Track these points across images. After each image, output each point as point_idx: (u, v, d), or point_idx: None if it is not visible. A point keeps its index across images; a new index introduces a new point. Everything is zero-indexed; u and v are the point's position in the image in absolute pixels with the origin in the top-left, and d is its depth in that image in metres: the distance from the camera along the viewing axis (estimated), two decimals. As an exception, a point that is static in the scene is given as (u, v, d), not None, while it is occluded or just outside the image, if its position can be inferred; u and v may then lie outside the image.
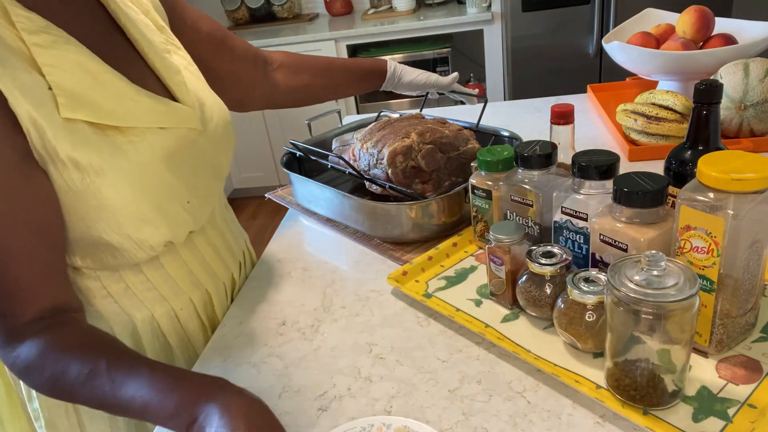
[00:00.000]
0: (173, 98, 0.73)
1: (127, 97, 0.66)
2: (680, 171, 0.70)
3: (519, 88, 2.80)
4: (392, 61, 1.11)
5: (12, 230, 0.58)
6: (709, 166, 0.55)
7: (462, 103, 1.22)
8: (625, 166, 1.02)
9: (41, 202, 0.60)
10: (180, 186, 0.70)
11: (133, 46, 0.72)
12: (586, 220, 0.69)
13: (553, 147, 0.76)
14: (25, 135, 0.58)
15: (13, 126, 0.57)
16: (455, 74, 1.13)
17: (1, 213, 0.57)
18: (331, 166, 1.06)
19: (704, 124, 0.67)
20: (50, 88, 0.59)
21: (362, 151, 0.99)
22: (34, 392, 0.74)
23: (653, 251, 0.53)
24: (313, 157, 1.09)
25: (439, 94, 1.19)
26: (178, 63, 0.76)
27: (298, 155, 1.13)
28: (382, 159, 0.94)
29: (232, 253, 0.87)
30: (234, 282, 0.88)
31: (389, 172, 0.94)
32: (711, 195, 0.55)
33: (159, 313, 0.76)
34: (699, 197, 0.56)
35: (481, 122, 1.11)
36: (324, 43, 2.91)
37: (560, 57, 2.71)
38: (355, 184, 1.12)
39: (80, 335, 0.61)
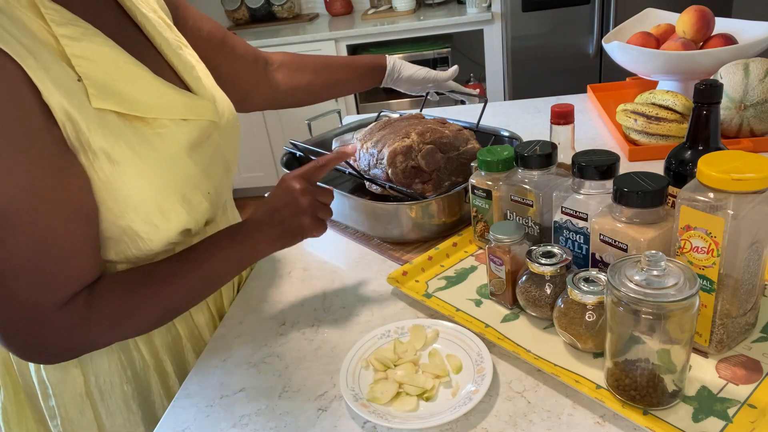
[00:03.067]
0: (191, 92, 0.75)
1: (153, 88, 0.67)
2: (680, 171, 0.70)
3: (519, 88, 2.80)
4: (391, 57, 1.12)
5: (62, 215, 0.59)
6: (709, 166, 0.55)
7: (462, 102, 1.22)
8: (625, 166, 1.03)
9: (84, 190, 0.61)
10: (202, 176, 0.72)
11: (149, 42, 0.73)
12: (586, 220, 0.69)
13: (553, 147, 0.76)
14: (59, 126, 0.58)
15: (48, 117, 0.57)
16: (455, 67, 1.13)
17: (50, 200, 0.58)
18: (331, 166, 1.06)
19: (704, 124, 0.67)
20: (79, 80, 0.60)
21: (362, 151, 0.99)
22: (50, 389, 0.75)
23: (653, 251, 0.53)
24: (313, 157, 1.09)
25: (439, 94, 1.19)
26: (192, 59, 0.78)
27: (298, 155, 1.13)
28: (382, 159, 0.94)
29: None
30: (240, 275, 0.89)
31: (389, 172, 0.94)
32: (711, 195, 0.55)
33: None
34: (699, 197, 0.56)
35: (481, 122, 1.11)
36: (324, 43, 2.91)
37: (560, 57, 2.71)
38: (355, 184, 1.12)
39: (132, 269, 0.68)
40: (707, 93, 0.65)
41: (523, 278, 0.70)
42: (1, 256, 0.56)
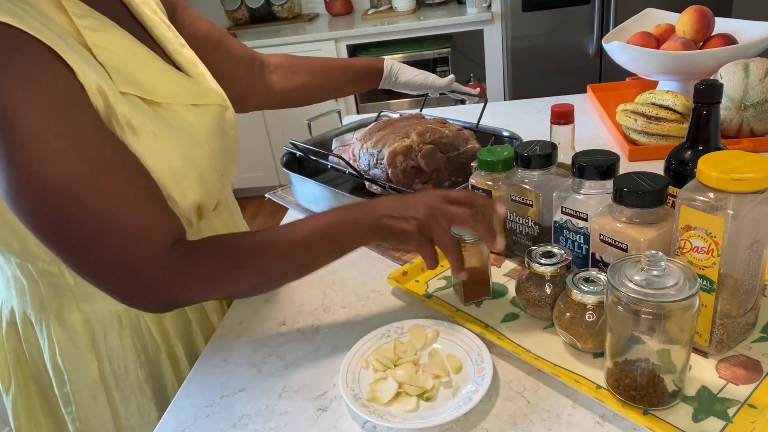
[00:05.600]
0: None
1: (166, 75, 0.71)
2: (680, 171, 0.70)
3: (519, 88, 2.80)
4: (390, 60, 1.12)
5: (121, 176, 0.61)
6: (709, 166, 0.55)
7: (462, 102, 1.22)
8: (625, 166, 1.02)
9: (131, 153, 0.63)
10: (217, 158, 0.74)
11: (153, 40, 0.76)
12: (586, 220, 0.69)
13: (553, 147, 0.76)
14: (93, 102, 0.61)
15: (83, 88, 0.60)
16: (452, 76, 1.13)
17: (107, 164, 0.60)
18: (331, 166, 1.06)
19: (704, 124, 0.67)
20: (102, 66, 0.63)
21: (362, 151, 0.99)
22: (66, 375, 0.77)
23: (653, 251, 0.53)
24: (313, 157, 1.09)
25: (440, 94, 1.19)
26: (192, 56, 0.80)
27: (298, 155, 1.13)
28: (382, 159, 0.94)
29: None
30: None
31: (389, 172, 0.94)
32: (711, 195, 0.55)
33: None
34: (699, 197, 0.56)
35: (481, 122, 1.11)
36: (324, 43, 2.91)
37: (560, 57, 2.71)
38: (355, 184, 1.12)
39: (232, 235, 0.70)
40: (707, 93, 0.65)
41: (523, 278, 0.70)
42: (81, 222, 0.58)
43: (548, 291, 0.68)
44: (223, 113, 0.78)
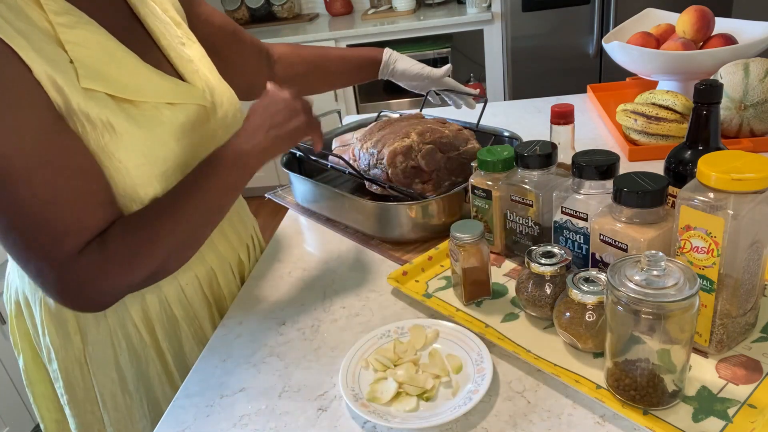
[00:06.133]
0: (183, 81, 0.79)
1: (140, 73, 0.72)
2: (680, 171, 0.70)
3: (519, 88, 2.80)
4: (389, 50, 1.14)
5: (57, 171, 0.62)
6: (709, 166, 0.55)
7: (459, 107, 1.21)
8: (625, 166, 1.02)
9: (77, 150, 0.65)
10: (189, 159, 0.75)
11: (151, 37, 0.79)
12: (586, 220, 0.69)
13: (553, 147, 0.76)
14: (49, 96, 0.62)
15: (38, 87, 0.62)
16: (449, 65, 1.15)
17: (44, 158, 0.61)
18: (331, 166, 1.06)
19: (704, 124, 0.67)
20: (71, 62, 0.64)
21: (362, 151, 0.99)
22: (53, 353, 0.81)
23: (653, 251, 0.53)
24: (313, 157, 1.09)
25: (437, 93, 1.19)
26: (192, 54, 0.82)
27: (298, 155, 1.13)
28: (382, 159, 0.94)
29: (238, 235, 0.91)
30: (241, 263, 0.92)
31: (389, 172, 0.94)
32: (711, 195, 0.55)
33: (166, 288, 0.80)
34: (699, 197, 0.56)
35: (481, 122, 1.10)
36: (324, 43, 2.91)
37: (560, 57, 2.71)
38: (355, 184, 1.12)
39: (137, 211, 0.70)
40: (707, 93, 0.65)
41: (523, 278, 0.70)
42: (9, 213, 0.61)
43: (548, 291, 0.68)
44: (202, 112, 0.78)
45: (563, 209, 0.71)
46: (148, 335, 0.80)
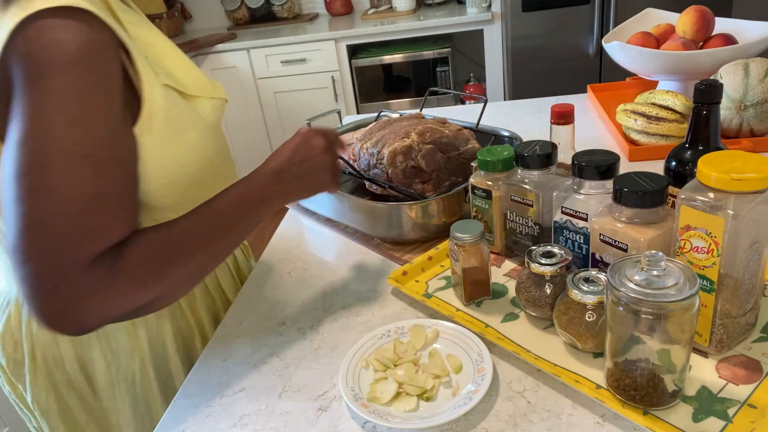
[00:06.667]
0: None
1: (191, 70, 0.74)
2: (680, 171, 0.70)
3: (519, 88, 2.80)
4: None
5: (118, 170, 0.60)
6: (709, 166, 0.55)
7: (462, 102, 1.21)
8: (625, 166, 1.03)
9: (134, 153, 0.64)
10: (227, 151, 0.78)
11: None
12: (586, 220, 0.69)
13: (553, 147, 0.76)
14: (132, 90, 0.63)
15: (125, 84, 0.62)
16: None
17: (116, 154, 0.59)
18: (331, 166, 1.06)
19: (704, 124, 0.67)
20: (146, 58, 0.66)
21: (362, 151, 0.99)
22: (37, 351, 0.78)
23: (653, 251, 0.53)
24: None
25: (438, 94, 1.19)
26: None
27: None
28: (382, 159, 0.94)
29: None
30: (236, 260, 0.93)
31: (389, 172, 0.94)
32: (711, 195, 0.55)
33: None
34: (699, 197, 0.56)
35: (481, 122, 1.11)
36: (324, 43, 2.91)
37: (560, 57, 2.71)
38: (355, 184, 1.12)
39: (152, 228, 0.63)
40: (707, 93, 0.65)
41: (523, 278, 0.70)
42: (47, 197, 0.54)
43: (548, 291, 0.68)
44: (223, 107, 0.80)
45: (563, 209, 0.71)
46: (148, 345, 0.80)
